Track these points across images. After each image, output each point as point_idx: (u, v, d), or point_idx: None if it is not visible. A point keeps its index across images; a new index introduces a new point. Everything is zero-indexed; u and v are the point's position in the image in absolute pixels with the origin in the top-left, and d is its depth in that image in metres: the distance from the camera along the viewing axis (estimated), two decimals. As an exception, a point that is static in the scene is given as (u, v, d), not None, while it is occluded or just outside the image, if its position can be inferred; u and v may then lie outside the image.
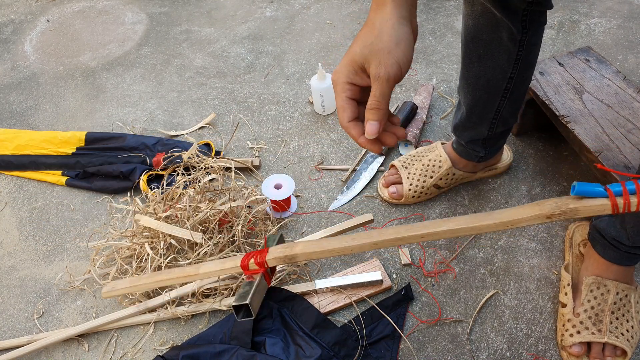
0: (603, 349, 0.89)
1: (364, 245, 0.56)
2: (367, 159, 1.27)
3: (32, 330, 1.05)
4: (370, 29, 0.57)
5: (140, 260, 1.04)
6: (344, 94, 0.58)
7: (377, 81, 0.54)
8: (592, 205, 0.46)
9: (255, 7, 1.84)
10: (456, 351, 0.95)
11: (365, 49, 0.56)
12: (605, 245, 0.91)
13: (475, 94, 0.99)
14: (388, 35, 0.55)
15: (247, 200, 1.08)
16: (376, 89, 0.55)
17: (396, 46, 0.55)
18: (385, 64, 0.54)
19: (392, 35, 0.55)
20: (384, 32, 0.55)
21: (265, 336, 0.96)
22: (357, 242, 0.56)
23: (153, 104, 1.51)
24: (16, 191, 1.32)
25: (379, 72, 0.54)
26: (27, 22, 1.89)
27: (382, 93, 0.55)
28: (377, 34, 0.55)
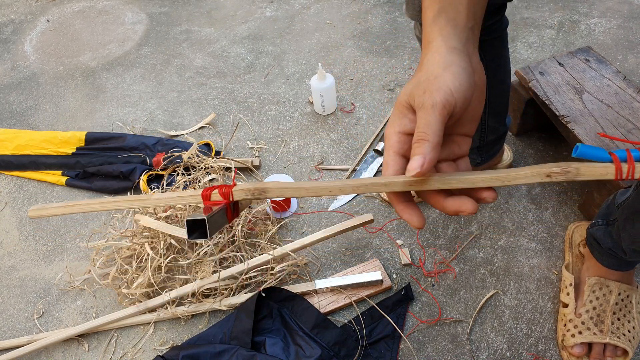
0: (604, 349, 0.89)
1: (345, 188, 0.49)
2: (367, 159, 1.27)
3: (32, 330, 1.05)
4: (418, 68, 0.49)
5: (140, 260, 1.04)
6: (391, 150, 0.48)
7: (420, 110, 0.45)
8: (596, 167, 0.45)
9: (255, 7, 1.84)
10: (456, 351, 0.95)
11: (408, 86, 0.48)
12: (603, 253, 0.91)
13: None
14: (434, 64, 0.48)
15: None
16: (420, 119, 0.45)
17: (444, 70, 0.47)
18: (429, 90, 0.45)
19: (440, 62, 0.48)
20: (430, 63, 0.48)
21: (265, 336, 0.96)
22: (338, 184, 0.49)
23: (153, 104, 1.51)
24: (16, 191, 1.32)
25: (423, 101, 0.45)
26: (27, 22, 1.89)
27: (427, 122, 0.45)
28: (423, 68, 0.48)
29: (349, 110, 1.42)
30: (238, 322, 0.96)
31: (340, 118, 1.40)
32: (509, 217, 1.14)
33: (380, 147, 1.27)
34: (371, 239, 1.12)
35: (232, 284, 1.03)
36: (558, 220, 1.12)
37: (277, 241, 1.13)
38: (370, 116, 1.39)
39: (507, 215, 1.14)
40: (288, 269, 1.06)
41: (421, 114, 0.45)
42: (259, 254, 1.06)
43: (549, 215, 1.13)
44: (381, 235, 1.12)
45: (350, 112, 1.41)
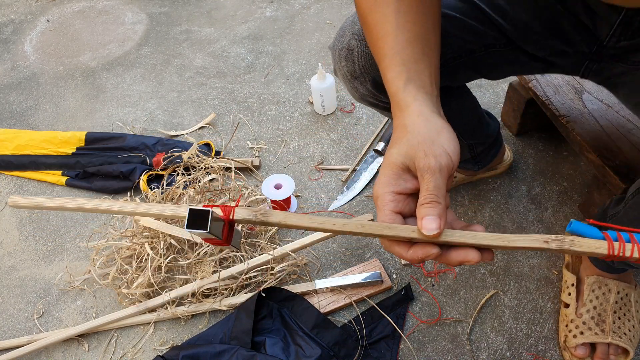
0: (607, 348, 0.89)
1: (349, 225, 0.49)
2: (367, 159, 1.27)
3: (32, 330, 1.05)
4: (400, 130, 0.52)
5: (140, 260, 1.04)
6: (386, 208, 0.49)
7: (427, 173, 0.47)
8: (590, 241, 0.47)
9: (255, 7, 1.84)
10: (456, 351, 0.95)
11: (401, 147, 0.50)
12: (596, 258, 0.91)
13: None
14: (425, 127, 0.50)
15: (247, 201, 1.08)
16: (429, 182, 0.47)
17: (438, 135, 0.49)
18: (433, 154, 0.48)
19: (429, 127, 0.50)
20: (418, 125, 0.51)
21: (265, 336, 0.96)
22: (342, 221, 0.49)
23: (153, 104, 1.51)
24: (16, 191, 1.32)
25: (429, 163, 0.47)
26: (27, 22, 1.89)
27: (437, 185, 0.47)
28: (410, 130, 0.50)
29: (349, 110, 1.42)
30: (238, 322, 0.96)
31: (340, 118, 1.40)
32: (508, 217, 1.14)
33: (380, 147, 1.27)
34: (371, 239, 1.12)
35: (232, 284, 1.03)
36: (558, 220, 1.12)
37: (277, 241, 1.13)
38: (370, 116, 1.39)
39: (507, 215, 1.14)
40: (288, 269, 1.06)
41: (428, 176, 0.47)
42: (259, 254, 1.06)
43: (549, 215, 1.13)
44: (381, 235, 1.12)
45: (350, 112, 1.41)
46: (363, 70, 0.75)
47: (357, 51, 0.74)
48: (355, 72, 0.76)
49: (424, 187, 0.48)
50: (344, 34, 0.76)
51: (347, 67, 0.76)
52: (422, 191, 0.48)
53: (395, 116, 0.54)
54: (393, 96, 0.56)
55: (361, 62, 0.74)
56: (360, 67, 0.74)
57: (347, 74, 0.78)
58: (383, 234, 0.48)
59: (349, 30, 0.75)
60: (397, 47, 0.57)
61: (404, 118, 0.53)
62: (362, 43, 0.73)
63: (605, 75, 0.79)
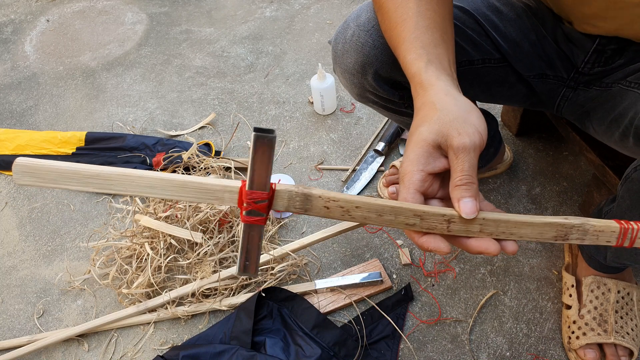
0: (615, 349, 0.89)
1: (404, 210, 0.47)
2: (367, 159, 1.27)
3: (32, 330, 1.05)
4: (429, 108, 0.51)
5: (140, 260, 1.04)
6: (412, 187, 0.49)
7: (462, 152, 0.47)
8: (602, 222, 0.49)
9: (255, 7, 1.84)
10: (456, 351, 0.95)
11: (433, 125, 0.49)
12: (590, 255, 0.91)
13: None
14: (455, 106, 0.50)
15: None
16: (464, 161, 0.47)
17: (468, 114, 0.50)
18: (466, 133, 0.48)
19: (459, 105, 0.50)
20: (447, 104, 0.50)
21: (265, 336, 0.96)
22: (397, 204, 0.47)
23: (153, 104, 1.51)
24: (16, 191, 1.32)
25: (464, 142, 0.47)
26: (27, 22, 1.89)
27: (471, 165, 0.47)
28: (440, 108, 0.50)
29: (349, 110, 1.42)
30: (238, 322, 0.96)
31: (340, 118, 1.40)
32: (509, 217, 1.13)
33: (380, 147, 1.27)
34: (371, 239, 1.12)
35: (232, 284, 1.03)
36: (558, 220, 1.12)
37: (277, 241, 1.13)
38: (370, 116, 1.39)
39: (507, 215, 1.14)
40: (288, 269, 1.06)
41: (463, 156, 0.47)
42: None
43: (549, 215, 1.13)
44: (381, 235, 1.12)
45: (350, 112, 1.41)
46: (366, 62, 0.75)
47: (361, 42, 0.74)
48: (357, 63, 0.76)
49: (459, 167, 0.47)
50: (347, 27, 0.77)
51: (350, 59, 0.77)
52: (456, 171, 0.47)
53: (417, 95, 0.54)
54: (414, 76, 0.56)
55: (364, 53, 0.75)
56: (363, 58, 0.75)
57: (348, 67, 0.78)
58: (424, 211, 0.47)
59: (353, 22, 0.76)
60: (417, 32, 0.58)
61: (429, 96, 0.52)
62: (366, 34, 0.74)
63: (580, 101, 0.81)
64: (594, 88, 0.78)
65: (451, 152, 0.48)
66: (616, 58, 0.73)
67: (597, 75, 0.77)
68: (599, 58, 0.74)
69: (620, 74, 0.74)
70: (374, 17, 0.73)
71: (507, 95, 0.88)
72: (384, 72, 0.76)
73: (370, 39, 0.73)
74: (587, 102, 0.80)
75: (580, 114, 0.83)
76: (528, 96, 0.86)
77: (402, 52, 0.59)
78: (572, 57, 0.77)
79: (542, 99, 0.86)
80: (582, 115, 0.82)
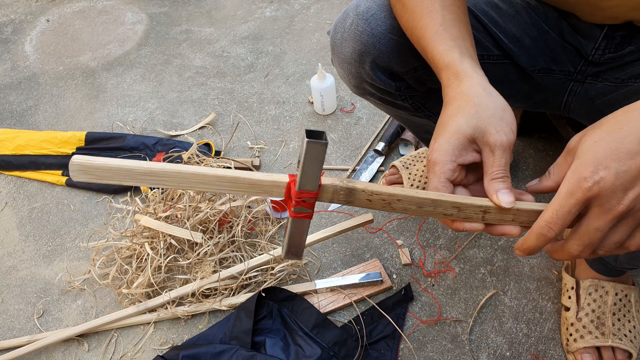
0: (613, 352, 0.89)
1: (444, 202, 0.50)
2: (367, 159, 1.27)
3: (32, 330, 1.05)
4: (465, 100, 0.53)
5: (140, 260, 1.04)
6: (443, 176, 0.51)
7: (499, 149, 0.50)
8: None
9: (255, 7, 1.84)
10: (456, 351, 0.95)
11: (471, 119, 0.51)
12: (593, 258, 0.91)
13: (428, 143, 1.04)
14: (492, 103, 0.52)
15: (247, 200, 1.08)
16: (500, 158, 0.50)
17: (504, 112, 0.52)
18: (503, 131, 0.50)
19: (495, 102, 0.52)
20: (485, 99, 0.52)
21: (265, 336, 0.96)
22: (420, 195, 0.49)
23: (153, 104, 1.51)
24: (16, 191, 1.32)
25: (501, 140, 0.50)
26: (27, 22, 1.89)
27: (507, 161, 0.51)
28: (478, 102, 0.52)
29: (349, 110, 1.42)
30: (238, 322, 0.96)
31: (340, 118, 1.40)
32: (509, 217, 1.14)
33: (380, 147, 1.27)
34: (371, 239, 1.12)
35: (232, 284, 1.03)
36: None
37: (277, 241, 1.13)
38: (370, 116, 1.39)
39: (507, 215, 1.14)
40: (288, 269, 1.06)
41: (499, 152, 0.50)
42: (259, 254, 1.06)
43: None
44: (381, 235, 1.12)
45: (350, 112, 1.41)
46: (363, 50, 0.75)
47: (360, 30, 0.75)
48: (355, 52, 0.76)
49: (495, 163, 0.50)
50: (347, 16, 0.77)
51: (348, 48, 0.77)
52: (492, 166, 0.50)
53: (450, 85, 0.56)
54: (449, 66, 0.57)
55: (362, 41, 0.75)
56: (361, 47, 0.75)
57: (346, 56, 0.78)
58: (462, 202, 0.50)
59: (353, 11, 0.76)
60: (446, 25, 0.60)
61: (465, 87, 0.54)
62: (365, 23, 0.74)
63: (590, 95, 0.80)
64: (605, 83, 0.77)
65: (487, 149, 0.51)
66: (625, 45, 0.72)
67: (608, 64, 0.75)
68: (609, 44, 0.73)
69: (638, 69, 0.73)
70: (373, 6, 0.74)
71: (507, 94, 0.87)
72: (382, 61, 0.76)
73: (369, 27, 0.74)
74: (598, 97, 0.79)
75: (591, 111, 0.81)
76: (530, 95, 0.85)
77: (431, 42, 0.60)
78: (580, 47, 0.76)
79: (547, 98, 0.85)
80: (593, 113, 0.81)
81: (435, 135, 0.53)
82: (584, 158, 0.45)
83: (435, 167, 0.51)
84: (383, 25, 0.73)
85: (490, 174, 0.50)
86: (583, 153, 0.45)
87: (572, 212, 0.45)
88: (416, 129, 1.01)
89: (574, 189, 0.44)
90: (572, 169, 0.45)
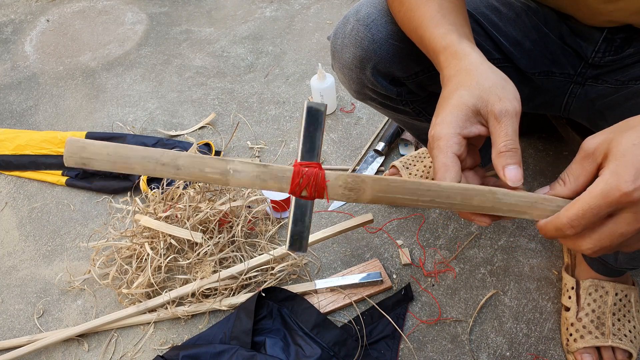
0: (613, 352, 0.89)
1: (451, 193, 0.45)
2: (367, 159, 1.27)
3: (32, 330, 1.05)
4: (465, 75, 0.51)
5: (140, 260, 1.04)
6: (449, 150, 0.47)
7: (505, 117, 0.46)
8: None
9: (255, 7, 1.84)
10: (456, 351, 0.95)
11: (473, 90, 0.49)
12: (593, 258, 0.91)
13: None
14: (492, 74, 0.50)
15: (247, 200, 1.08)
16: (507, 126, 0.46)
17: (506, 82, 0.50)
18: (507, 98, 0.47)
19: (495, 73, 0.51)
20: (485, 71, 0.50)
21: (265, 336, 0.96)
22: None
23: (153, 104, 1.51)
24: (16, 191, 1.32)
25: (506, 107, 0.47)
26: (27, 22, 1.89)
27: (514, 130, 0.47)
28: (478, 74, 0.50)
29: (349, 110, 1.42)
30: (238, 322, 0.96)
31: (340, 118, 1.40)
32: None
33: (380, 147, 1.27)
34: (371, 239, 1.12)
35: (232, 284, 1.03)
36: (558, 220, 1.12)
37: (277, 241, 1.13)
38: (370, 116, 1.39)
39: (507, 215, 1.14)
40: (288, 269, 1.06)
41: (506, 120, 0.46)
42: (259, 254, 1.06)
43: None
44: (381, 235, 1.12)
45: (350, 112, 1.41)
46: (364, 56, 0.75)
47: (360, 36, 0.74)
48: (356, 58, 0.76)
49: (502, 132, 0.46)
50: (347, 22, 0.77)
51: (349, 53, 0.77)
52: (499, 136, 0.46)
53: (449, 65, 0.54)
54: (447, 47, 0.55)
55: (363, 47, 0.75)
56: (362, 52, 0.75)
57: (347, 62, 0.78)
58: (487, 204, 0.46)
59: (353, 17, 0.76)
60: (443, 12, 0.60)
61: (465, 64, 0.52)
62: (365, 28, 0.74)
63: (590, 97, 0.80)
64: (605, 85, 0.77)
65: (492, 118, 0.47)
66: (625, 47, 0.73)
67: (608, 67, 0.76)
68: (609, 47, 0.73)
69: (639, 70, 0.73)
70: (373, 12, 0.74)
71: None
72: (383, 67, 0.76)
73: (370, 33, 0.74)
74: (599, 99, 0.79)
75: (592, 113, 0.82)
76: (530, 98, 0.85)
77: (428, 29, 0.59)
78: (580, 50, 0.76)
79: (547, 100, 0.85)
80: (594, 115, 0.81)
81: (436, 111, 0.50)
82: (624, 160, 0.41)
83: (439, 141, 0.47)
84: (384, 31, 0.73)
85: (498, 146, 0.46)
86: (622, 155, 0.41)
87: (601, 215, 0.42)
88: (416, 131, 1.01)
89: (611, 190, 0.40)
90: (612, 170, 0.41)
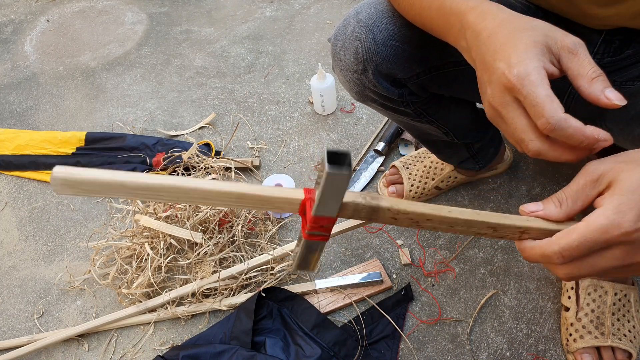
0: (613, 352, 0.89)
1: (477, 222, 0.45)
2: (367, 159, 1.27)
3: (32, 330, 1.05)
4: (517, 19, 0.49)
5: (140, 260, 1.04)
6: (545, 82, 0.44)
7: (580, 47, 0.46)
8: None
9: (255, 7, 1.84)
10: (456, 351, 0.95)
11: (536, 30, 0.47)
12: None
13: (429, 145, 1.05)
14: (537, 19, 0.49)
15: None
16: (586, 55, 0.46)
17: (544, 22, 0.49)
18: (565, 33, 0.47)
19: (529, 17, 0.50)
20: (531, 18, 0.50)
21: (265, 336, 0.96)
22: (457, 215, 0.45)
23: (153, 104, 1.51)
24: (16, 191, 1.32)
25: (576, 39, 0.46)
26: (27, 22, 1.89)
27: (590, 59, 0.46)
28: (529, 19, 0.49)
29: (349, 110, 1.42)
30: (238, 322, 0.96)
31: (340, 118, 1.40)
32: (509, 217, 1.13)
33: (380, 147, 1.27)
34: (371, 239, 1.12)
35: (232, 284, 1.03)
36: (558, 220, 1.12)
37: (277, 241, 1.13)
38: (370, 116, 1.39)
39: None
40: (288, 269, 1.06)
41: (583, 50, 0.46)
42: (259, 254, 1.06)
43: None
44: (381, 235, 1.12)
45: (350, 112, 1.41)
46: (366, 58, 0.75)
47: (361, 37, 0.74)
48: (357, 59, 0.76)
49: (585, 61, 0.45)
50: (348, 23, 0.77)
51: (350, 55, 0.77)
52: (582, 66, 0.45)
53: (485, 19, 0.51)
54: (476, 7, 0.53)
55: (364, 48, 0.75)
56: (363, 54, 0.75)
57: (348, 64, 0.78)
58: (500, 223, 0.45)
59: (354, 19, 0.76)
60: None
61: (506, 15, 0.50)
62: (366, 30, 0.74)
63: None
64: None
65: (566, 53, 0.46)
66: (624, 49, 0.73)
67: (607, 68, 0.75)
68: (607, 48, 0.73)
69: (636, 71, 0.74)
70: (374, 13, 0.73)
71: None
72: (384, 68, 0.75)
73: (371, 34, 0.73)
74: None
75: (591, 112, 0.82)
76: None
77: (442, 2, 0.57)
78: None
79: None
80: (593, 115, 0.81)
81: (504, 54, 0.46)
82: (631, 198, 0.40)
83: (529, 77, 0.43)
84: (385, 32, 0.73)
85: (585, 76, 0.45)
86: (630, 192, 0.40)
87: (594, 249, 0.41)
88: (417, 132, 1.01)
89: (612, 228, 0.40)
90: (616, 206, 0.40)
